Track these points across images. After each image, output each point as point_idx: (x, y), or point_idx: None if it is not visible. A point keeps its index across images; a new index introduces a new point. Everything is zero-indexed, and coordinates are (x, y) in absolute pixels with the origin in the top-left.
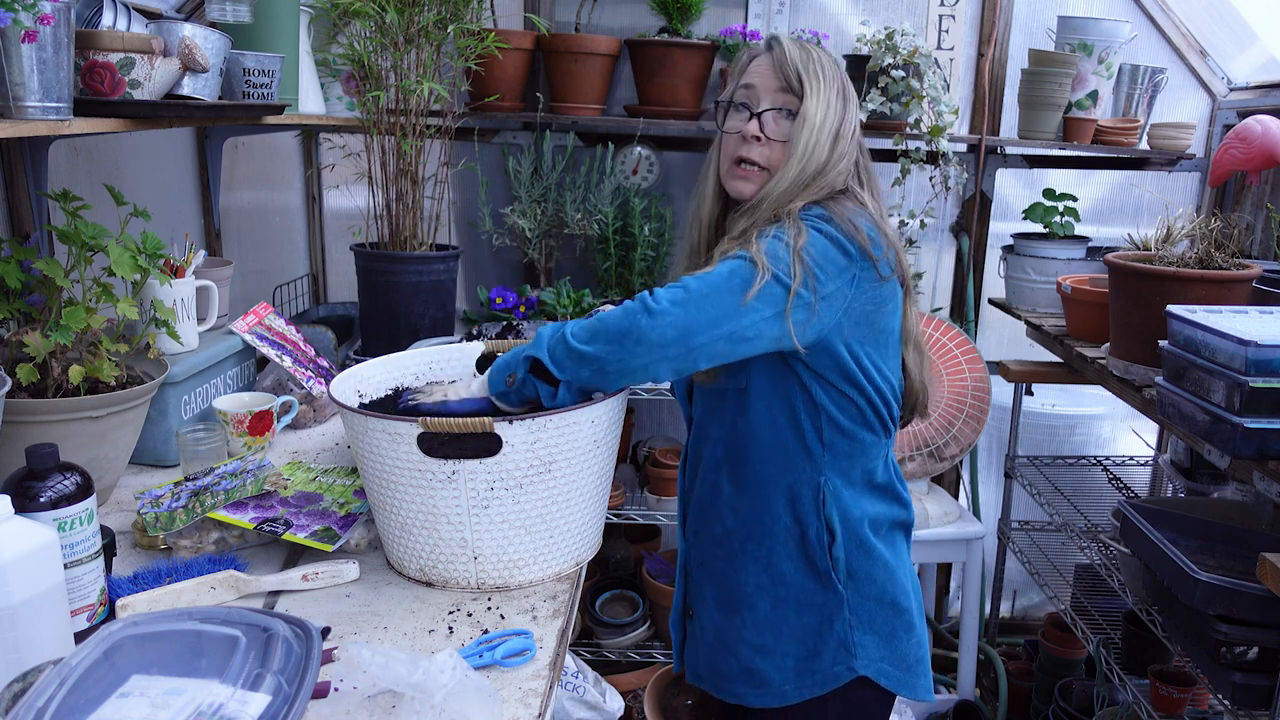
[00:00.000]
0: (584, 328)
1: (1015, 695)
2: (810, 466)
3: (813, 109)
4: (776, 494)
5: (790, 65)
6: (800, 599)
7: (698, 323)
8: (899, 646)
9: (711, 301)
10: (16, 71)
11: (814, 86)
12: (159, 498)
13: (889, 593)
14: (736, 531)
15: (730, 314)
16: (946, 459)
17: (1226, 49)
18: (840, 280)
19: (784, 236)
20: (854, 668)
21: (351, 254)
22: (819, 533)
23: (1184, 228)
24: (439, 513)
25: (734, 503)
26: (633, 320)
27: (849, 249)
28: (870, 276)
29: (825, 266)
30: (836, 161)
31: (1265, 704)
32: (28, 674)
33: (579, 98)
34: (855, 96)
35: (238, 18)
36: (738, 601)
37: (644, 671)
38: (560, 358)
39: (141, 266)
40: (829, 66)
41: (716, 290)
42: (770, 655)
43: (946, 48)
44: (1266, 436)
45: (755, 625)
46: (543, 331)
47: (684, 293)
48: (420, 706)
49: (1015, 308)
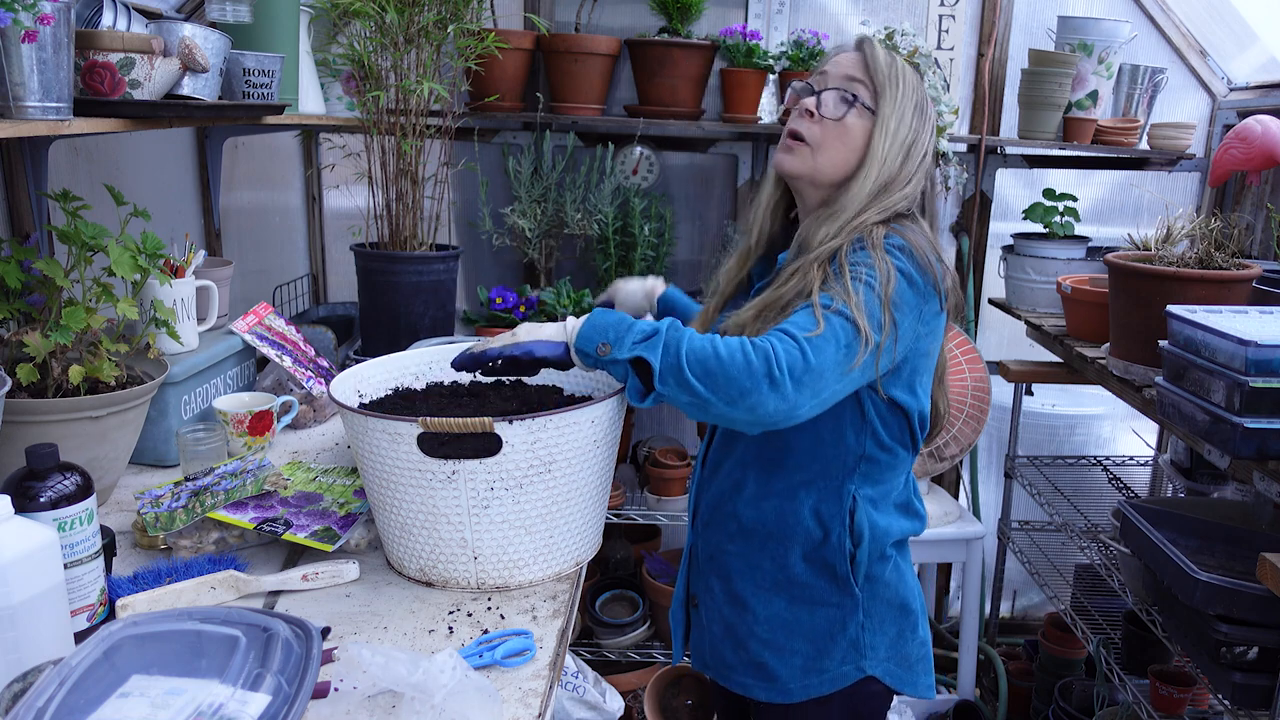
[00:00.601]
0: (701, 361)
1: (1015, 695)
2: (843, 476)
3: (889, 113)
4: (804, 498)
5: (874, 63)
6: (814, 599)
7: (808, 401)
8: (904, 646)
9: (825, 379)
10: (16, 71)
11: (893, 93)
12: (159, 498)
13: (900, 595)
14: (755, 529)
15: (834, 384)
16: (946, 459)
17: (1226, 49)
18: (912, 316)
19: (875, 283)
20: (863, 667)
21: (351, 254)
22: (841, 538)
23: (1184, 228)
24: (439, 513)
25: (756, 500)
26: (755, 382)
27: (921, 285)
28: (934, 308)
29: (903, 309)
30: (906, 179)
31: (1265, 704)
32: (28, 674)
33: (579, 98)
34: (935, 118)
35: (238, 18)
36: (750, 597)
37: (644, 671)
38: (668, 375)
39: (141, 266)
40: (911, 78)
41: (835, 365)
42: (780, 652)
43: (946, 48)
44: (1266, 436)
45: (768, 622)
46: (661, 328)
47: (803, 363)
48: (420, 706)
49: (1015, 308)
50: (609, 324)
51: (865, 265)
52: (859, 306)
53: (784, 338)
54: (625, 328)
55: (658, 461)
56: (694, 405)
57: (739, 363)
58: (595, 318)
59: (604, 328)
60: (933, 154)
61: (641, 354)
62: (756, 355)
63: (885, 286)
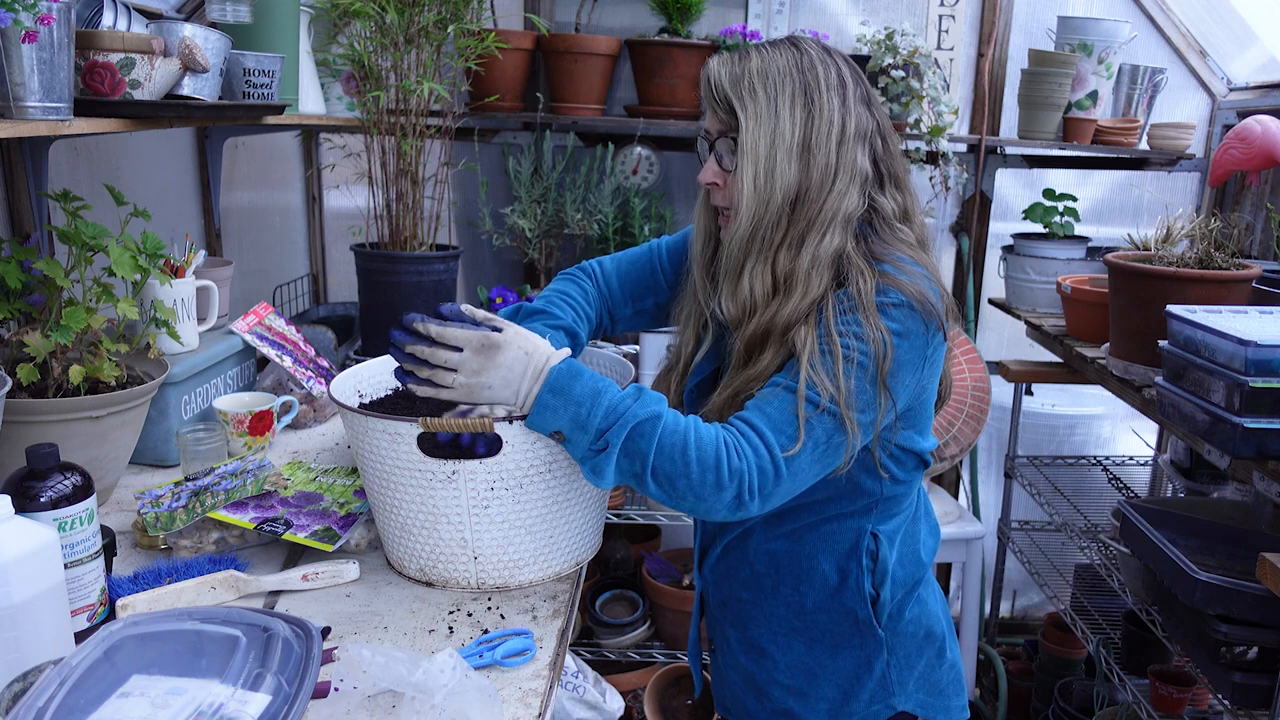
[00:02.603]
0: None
1: (1015, 695)
2: (859, 519)
3: (750, 132)
4: (818, 543)
5: (716, 92)
6: (836, 642)
7: (776, 505)
8: (934, 674)
9: (799, 482)
10: (17, 71)
11: (749, 106)
12: (159, 498)
13: (923, 624)
14: (767, 575)
15: (812, 479)
16: (946, 459)
17: (1226, 49)
18: (913, 372)
19: (868, 363)
20: (893, 705)
21: (351, 254)
22: (859, 581)
23: (1184, 228)
24: (439, 513)
25: (767, 547)
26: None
27: (922, 336)
28: (936, 343)
29: (904, 372)
30: (821, 178)
31: (1265, 704)
32: (28, 674)
33: (579, 98)
34: (843, 89)
35: (238, 18)
36: (767, 643)
37: (644, 671)
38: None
39: (142, 266)
40: (778, 70)
41: (806, 470)
42: (805, 698)
43: (946, 48)
44: (1266, 436)
45: (789, 668)
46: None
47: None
48: (420, 706)
49: (1015, 308)
50: (561, 407)
51: (857, 338)
52: (849, 401)
53: (759, 450)
54: (580, 421)
55: None
56: (657, 496)
57: (709, 484)
58: (545, 398)
59: (555, 412)
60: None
61: (599, 464)
62: (730, 479)
63: (881, 363)
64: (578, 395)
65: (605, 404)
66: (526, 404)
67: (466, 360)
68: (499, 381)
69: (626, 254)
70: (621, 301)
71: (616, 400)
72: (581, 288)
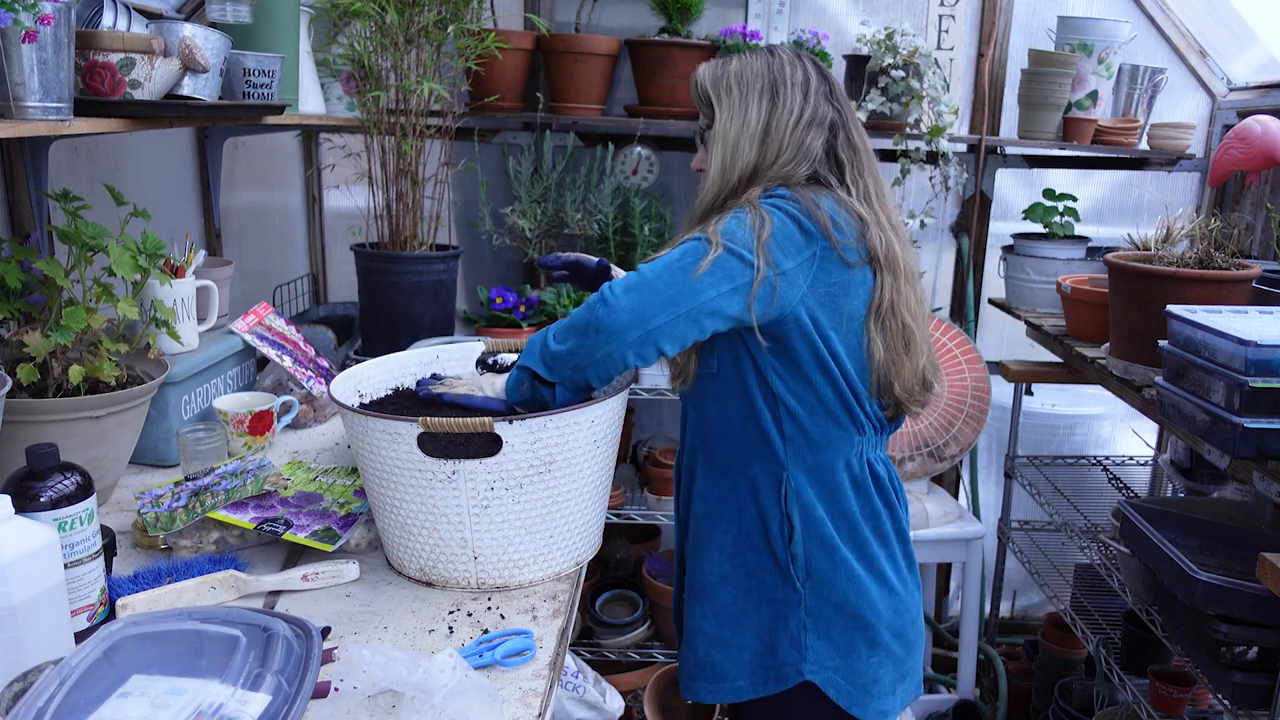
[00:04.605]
0: (561, 327)
1: (1015, 695)
2: (772, 459)
3: (722, 123)
4: (741, 483)
5: (700, 92)
6: (761, 592)
7: (653, 305)
8: (856, 662)
9: (665, 281)
10: (17, 71)
11: (725, 101)
12: (159, 498)
13: (851, 603)
14: (704, 519)
15: (686, 292)
16: (946, 459)
17: (1226, 49)
18: (799, 258)
19: (743, 217)
20: (801, 670)
21: (351, 254)
22: (781, 525)
23: (1184, 228)
24: (439, 513)
25: (704, 490)
26: (591, 312)
27: (809, 227)
28: (832, 258)
29: (784, 243)
30: (774, 156)
31: (1265, 704)
32: (28, 674)
33: (579, 98)
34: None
35: (238, 18)
36: (700, 591)
37: (644, 671)
38: (548, 361)
39: (141, 266)
40: (753, 71)
41: (669, 270)
42: (727, 648)
43: (946, 48)
44: (1266, 436)
45: (716, 616)
46: (534, 340)
47: (638, 278)
48: (420, 706)
49: (1015, 308)
50: (515, 373)
51: (736, 210)
52: (716, 231)
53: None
54: (521, 362)
55: (657, 461)
56: (576, 370)
57: (580, 308)
58: (510, 375)
59: (515, 379)
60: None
61: (525, 364)
62: (595, 294)
63: (754, 218)
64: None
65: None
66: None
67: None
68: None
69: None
70: None
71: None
72: None
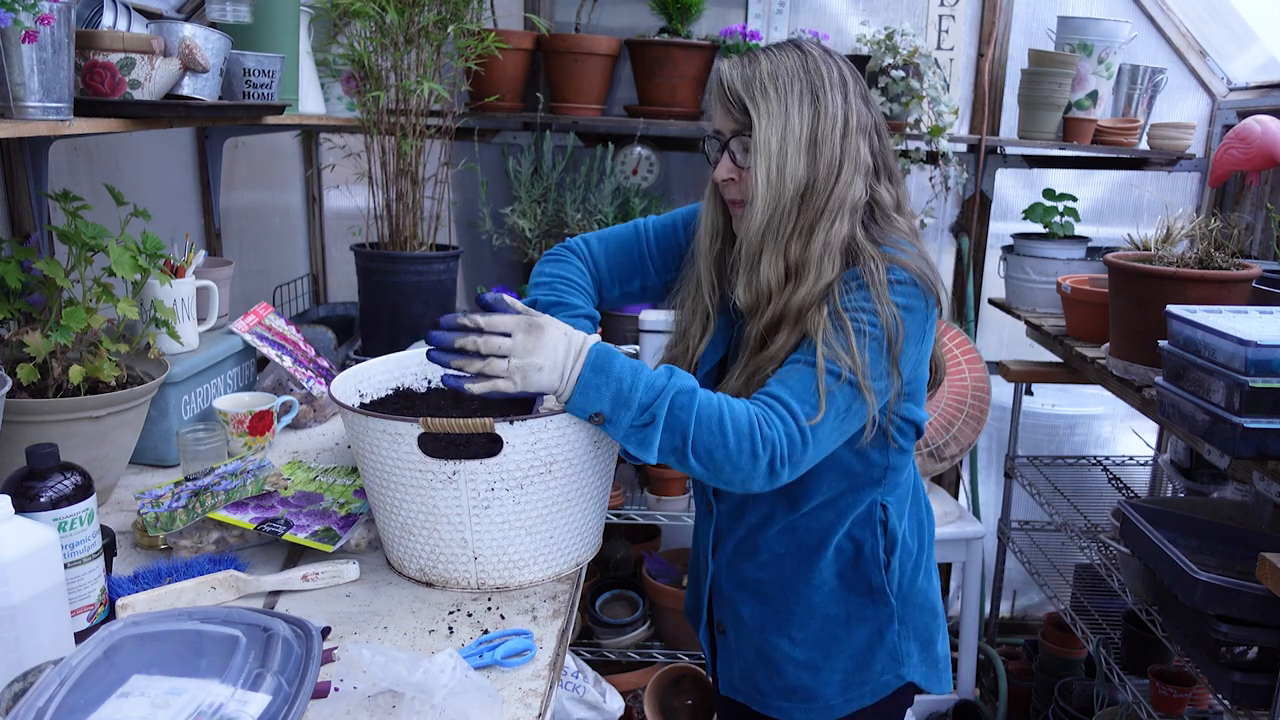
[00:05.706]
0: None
1: (1015, 695)
2: (870, 490)
3: (763, 130)
4: (834, 518)
5: (730, 91)
6: (851, 615)
7: (802, 472)
8: (934, 650)
9: (822, 448)
10: (17, 71)
11: (761, 105)
12: (159, 498)
13: (931, 600)
14: (788, 556)
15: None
16: (946, 459)
17: (1226, 49)
18: (917, 343)
19: (880, 336)
20: (901, 675)
21: (351, 254)
22: (874, 549)
23: (1184, 228)
24: (439, 513)
25: (787, 528)
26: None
27: (923, 310)
28: (934, 316)
29: (909, 344)
30: (830, 172)
31: (1265, 704)
32: (28, 674)
33: (579, 98)
34: (845, 86)
35: (238, 18)
36: (784, 621)
37: (644, 671)
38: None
39: (141, 266)
40: (787, 71)
41: (828, 436)
42: (819, 672)
43: (946, 48)
44: (1266, 436)
45: (805, 644)
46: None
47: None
48: (420, 706)
49: (1015, 308)
50: (604, 385)
51: (867, 312)
52: (865, 372)
53: (786, 420)
54: (623, 398)
55: None
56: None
57: (745, 452)
58: (587, 377)
59: (598, 391)
60: (869, 127)
61: (646, 438)
62: (763, 447)
63: (893, 338)
64: (618, 372)
65: (645, 379)
66: (569, 384)
67: (518, 343)
68: (548, 362)
69: (613, 235)
70: (609, 283)
71: (654, 376)
72: (577, 269)
